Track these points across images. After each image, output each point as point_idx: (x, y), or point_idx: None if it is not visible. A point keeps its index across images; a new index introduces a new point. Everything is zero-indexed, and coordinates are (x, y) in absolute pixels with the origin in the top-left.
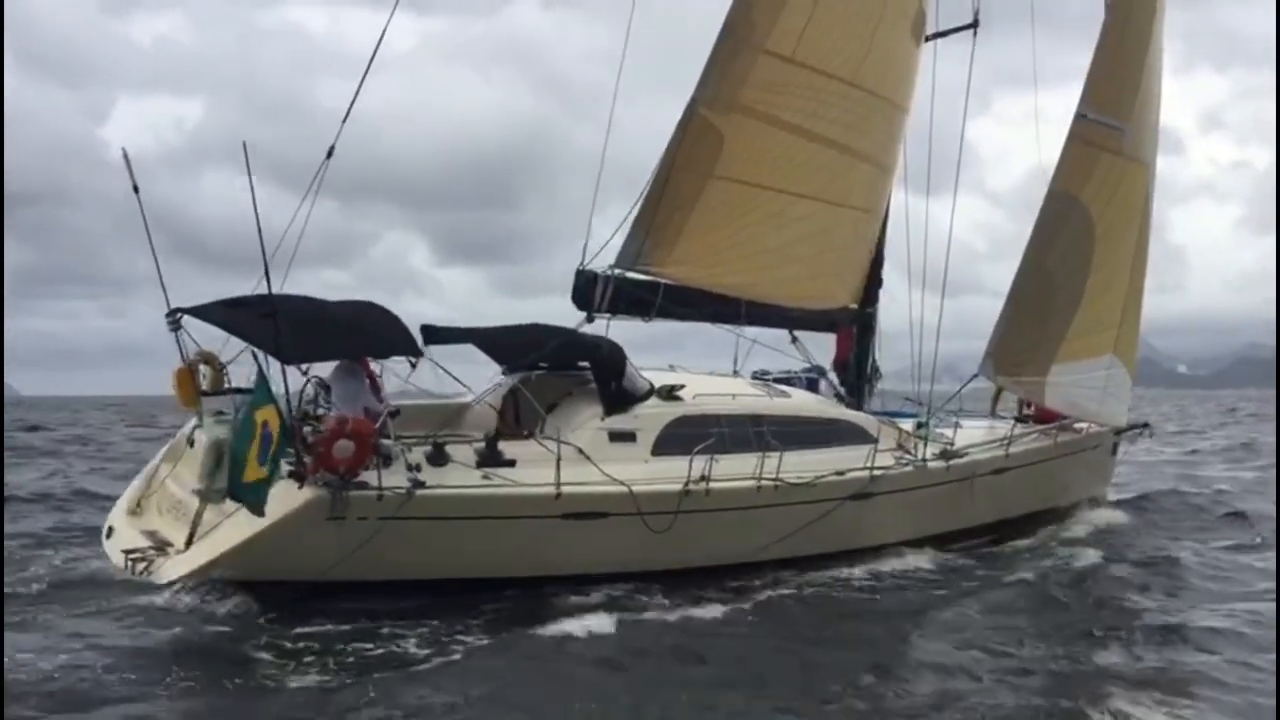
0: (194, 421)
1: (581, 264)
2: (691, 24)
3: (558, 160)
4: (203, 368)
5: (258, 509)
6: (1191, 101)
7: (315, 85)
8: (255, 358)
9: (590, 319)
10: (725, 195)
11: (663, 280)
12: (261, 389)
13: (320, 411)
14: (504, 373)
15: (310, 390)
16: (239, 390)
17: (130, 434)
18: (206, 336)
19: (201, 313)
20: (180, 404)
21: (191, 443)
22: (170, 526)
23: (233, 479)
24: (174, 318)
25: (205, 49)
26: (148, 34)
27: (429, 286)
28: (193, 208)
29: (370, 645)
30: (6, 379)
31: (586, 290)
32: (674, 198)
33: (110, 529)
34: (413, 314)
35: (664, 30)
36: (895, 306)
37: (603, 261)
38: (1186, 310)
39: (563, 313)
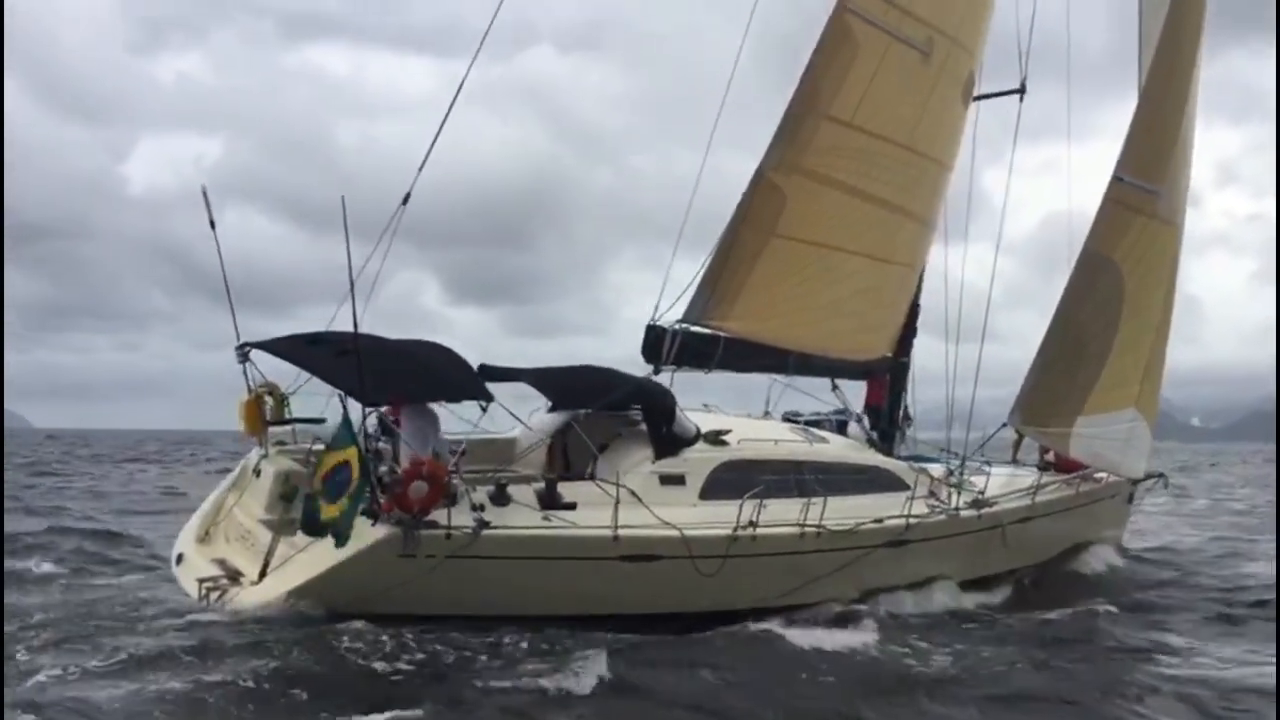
0: (259, 451)
1: (653, 319)
2: (704, 74)
3: (571, 202)
4: (266, 398)
5: (341, 540)
6: (1208, 155)
7: (335, 126)
8: (341, 400)
9: (657, 371)
10: (784, 253)
11: (723, 334)
12: (344, 430)
13: (379, 446)
14: (549, 411)
15: (371, 426)
16: (301, 420)
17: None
18: (268, 367)
19: (272, 347)
20: (245, 434)
21: (258, 472)
22: (239, 555)
23: (308, 516)
24: (243, 351)
25: (226, 88)
26: (171, 72)
27: (440, 326)
28: (207, 245)
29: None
30: (19, 410)
31: (656, 344)
32: (738, 256)
33: (180, 555)
34: None
35: (679, 80)
36: (921, 354)
37: (667, 314)
38: (1202, 362)
39: (575, 353)
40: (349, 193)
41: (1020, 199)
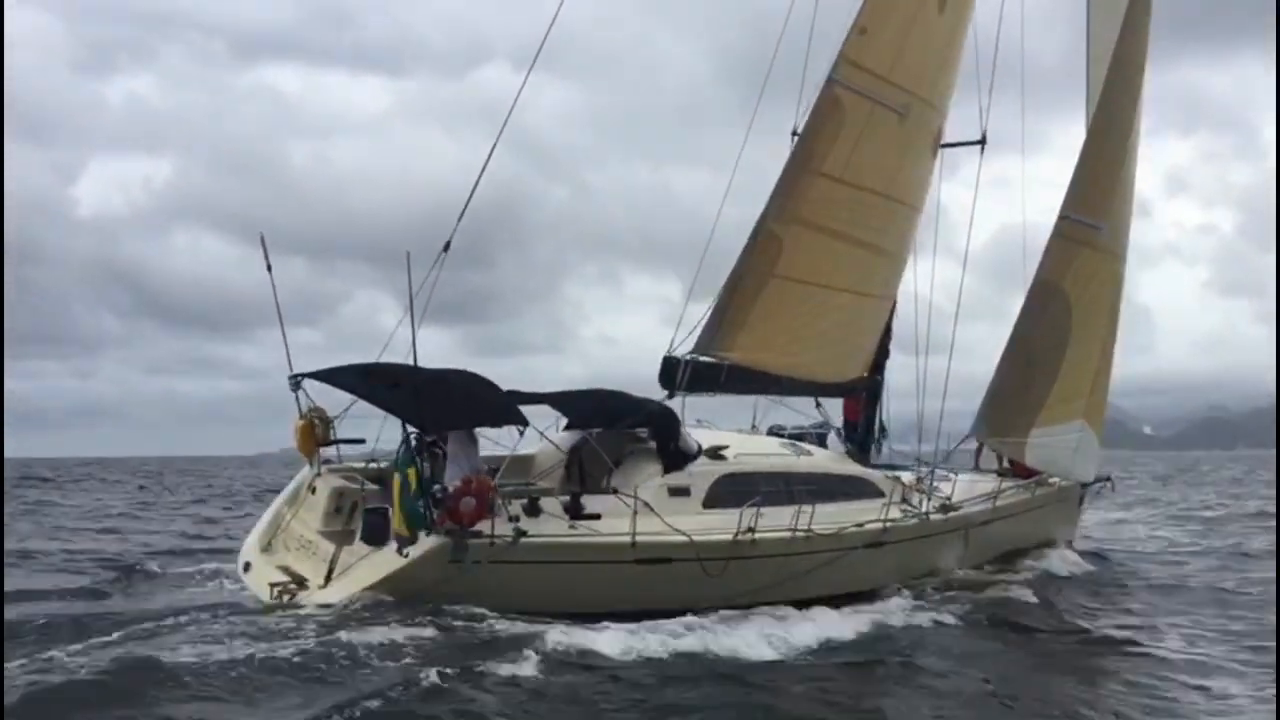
0: (311, 470)
1: (669, 351)
2: (660, 92)
3: (529, 221)
4: (316, 422)
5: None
6: (1157, 166)
7: (287, 145)
8: (404, 428)
9: (670, 396)
10: (781, 291)
11: (727, 362)
12: (405, 453)
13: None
14: (564, 430)
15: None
16: (345, 440)
17: None
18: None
19: (327, 377)
20: (301, 454)
21: (313, 489)
22: (301, 563)
23: (370, 527)
24: (295, 381)
25: (176, 108)
26: (120, 93)
27: (399, 346)
28: (160, 266)
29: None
30: None
31: (670, 372)
32: (742, 294)
33: (247, 564)
34: None
35: (633, 96)
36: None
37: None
38: (1153, 371)
39: (534, 371)
40: (304, 212)
41: (977, 211)
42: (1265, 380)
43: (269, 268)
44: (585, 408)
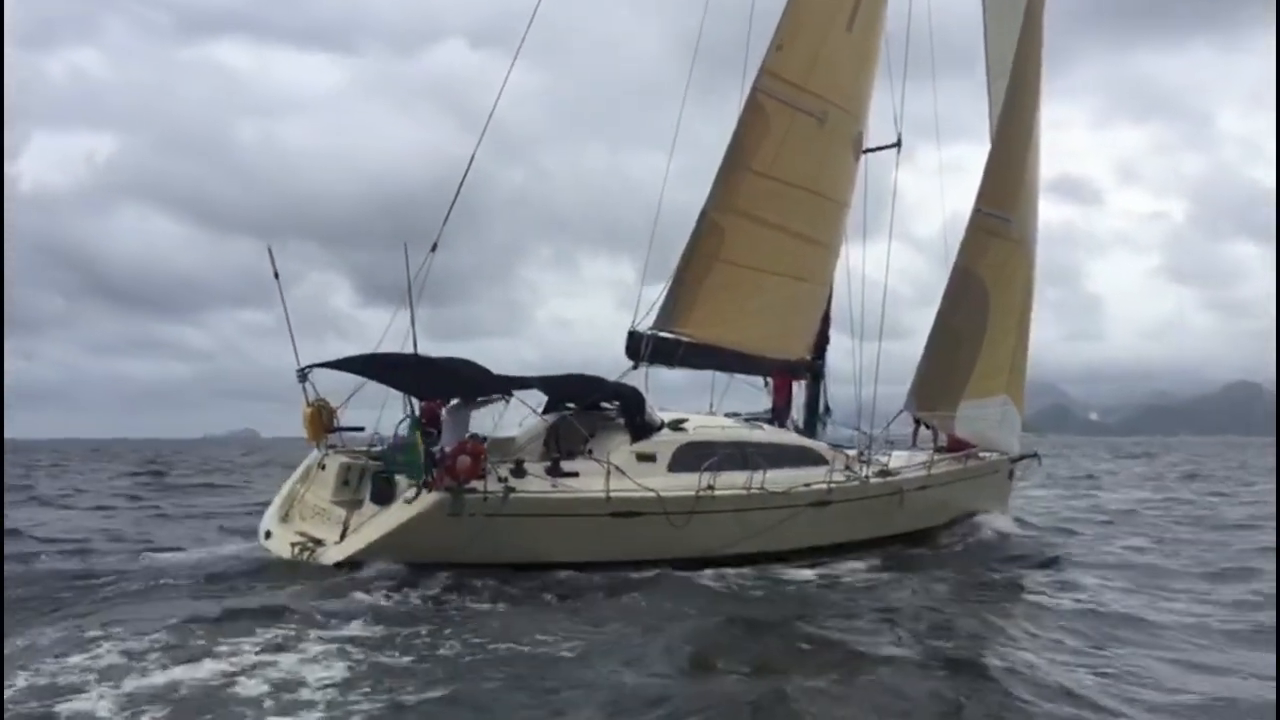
0: (319, 451)
1: (632, 326)
2: (613, 74)
3: (484, 202)
4: (321, 411)
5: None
6: (1109, 154)
7: (235, 122)
8: (407, 400)
9: (636, 367)
10: (724, 274)
11: (683, 338)
12: (413, 422)
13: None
14: (542, 413)
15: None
16: (346, 429)
17: None
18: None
19: (335, 365)
20: (309, 438)
21: (323, 467)
22: (318, 528)
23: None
24: (303, 373)
25: (121, 84)
26: (62, 67)
27: (351, 329)
28: (103, 245)
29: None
30: None
31: (635, 345)
32: (692, 277)
33: (268, 532)
34: (334, 355)
35: (588, 77)
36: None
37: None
38: (1103, 358)
39: (489, 355)
40: (253, 192)
41: (926, 196)
42: (1209, 368)
43: (276, 275)
44: (565, 388)
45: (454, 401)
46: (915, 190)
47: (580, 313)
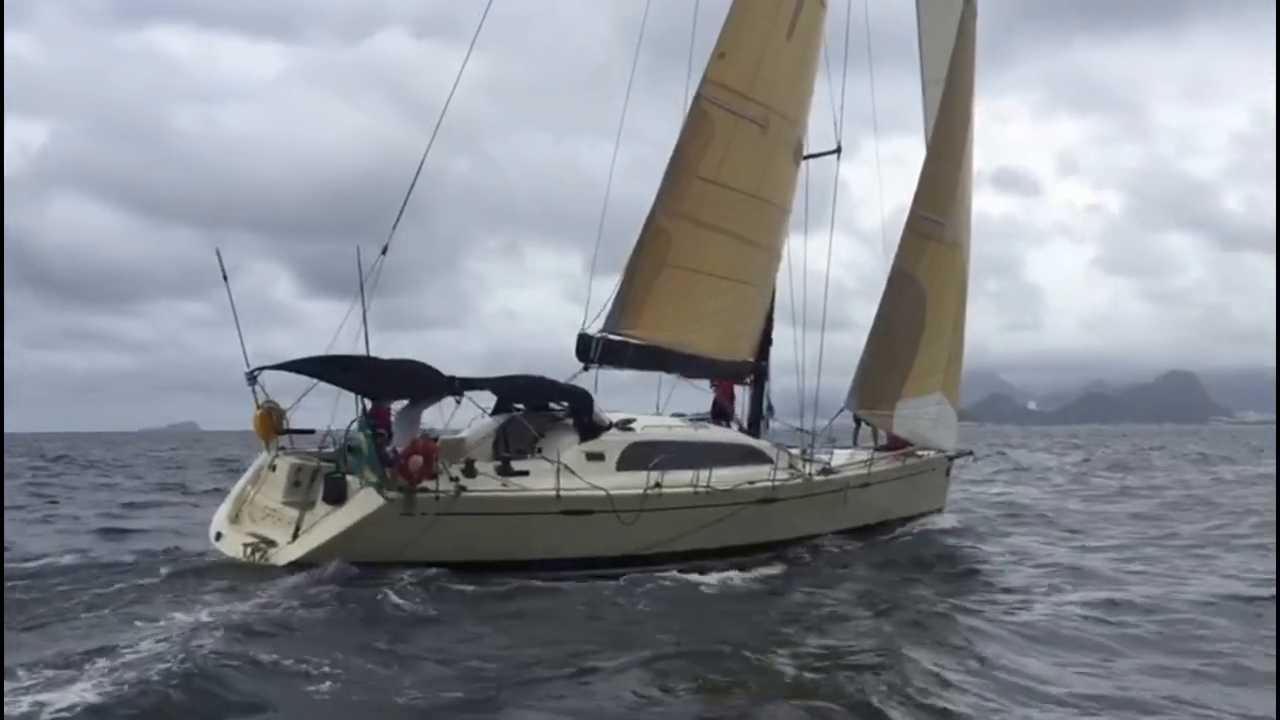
0: (268, 453)
1: (583, 329)
2: (560, 63)
3: (430, 192)
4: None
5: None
6: (1049, 147)
7: (174, 109)
8: (358, 401)
9: (586, 368)
10: (672, 279)
11: (632, 340)
12: (365, 421)
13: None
14: (491, 414)
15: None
16: (298, 431)
17: None
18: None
19: (286, 367)
20: (259, 439)
21: (273, 468)
22: (269, 529)
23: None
24: (252, 375)
25: (55, 70)
26: None
27: (294, 320)
28: (37, 235)
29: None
30: None
31: (585, 347)
32: (640, 281)
33: (219, 534)
34: (276, 348)
35: (534, 65)
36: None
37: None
38: (1042, 347)
39: (435, 346)
40: (192, 181)
41: (872, 190)
42: (1145, 357)
43: (225, 277)
44: (514, 389)
45: (405, 402)
46: (858, 183)
47: (527, 304)
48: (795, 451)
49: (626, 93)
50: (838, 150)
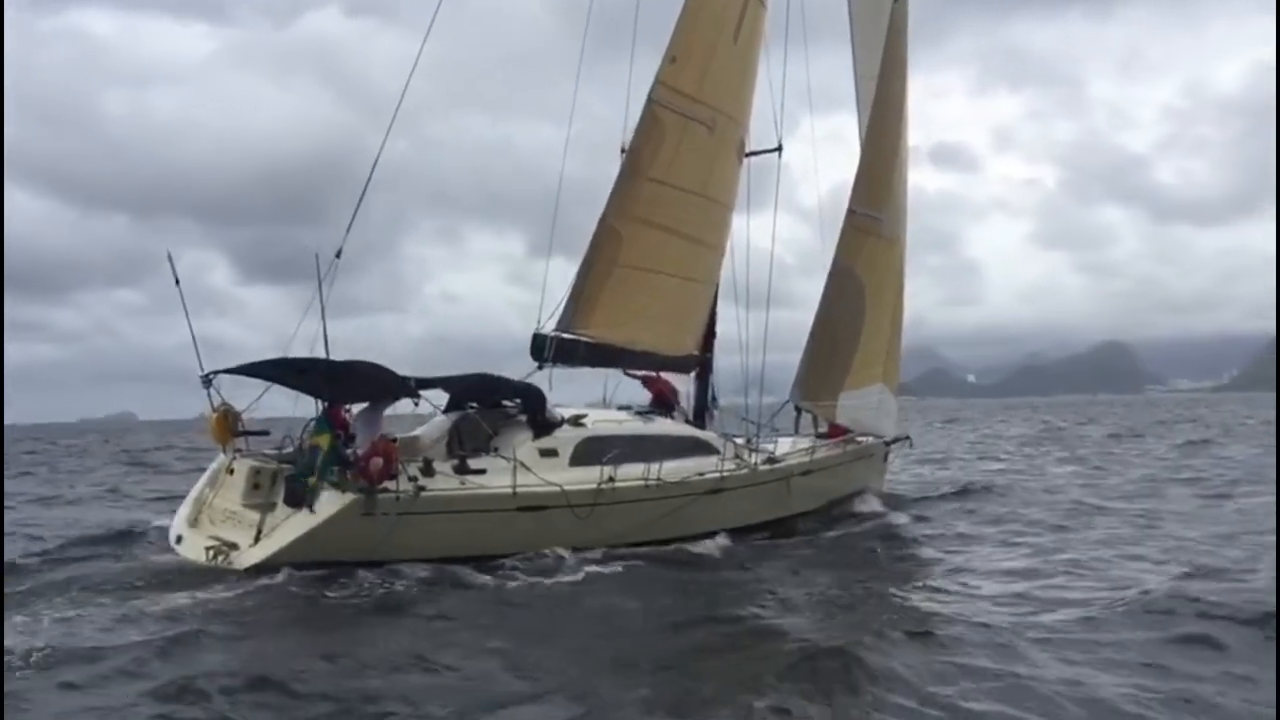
0: (226, 456)
1: (537, 328)
2: (498, 42)
3: (364, 173)
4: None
5: (302, 503)
6: (986, 122)
7: (100, 93)
8: (317, 404)
9: (541, 367)
10: (623, 278)
11: (584, 339)
12: (322, 422)
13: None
14: (444, 412)
15: (312, 426)
16: (253, 433)
17: None
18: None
19: (241, 370)
20: (215, 441)
21: (231, 471)
22: (230, 532)
23: (292, 490)
24: (207, 378)
25: None
26: None
27: (230, 307)
28: None
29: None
30: None
31: (539, 346)
32: (593, 281)
33: (179, 537)
34: (216, 337)
35: (472, 44)
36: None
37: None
38: (980, 321)
39: (377, 330)
40: (122, 166)
41: (811, 168)
42: (1080, 329)
43: (177, 282)
44: (468, 388)
45: (364, 405)
46: (798, 162)
47: (468, 287)
48: (740, 441)
49: (576, 75)
50: (779, 149)
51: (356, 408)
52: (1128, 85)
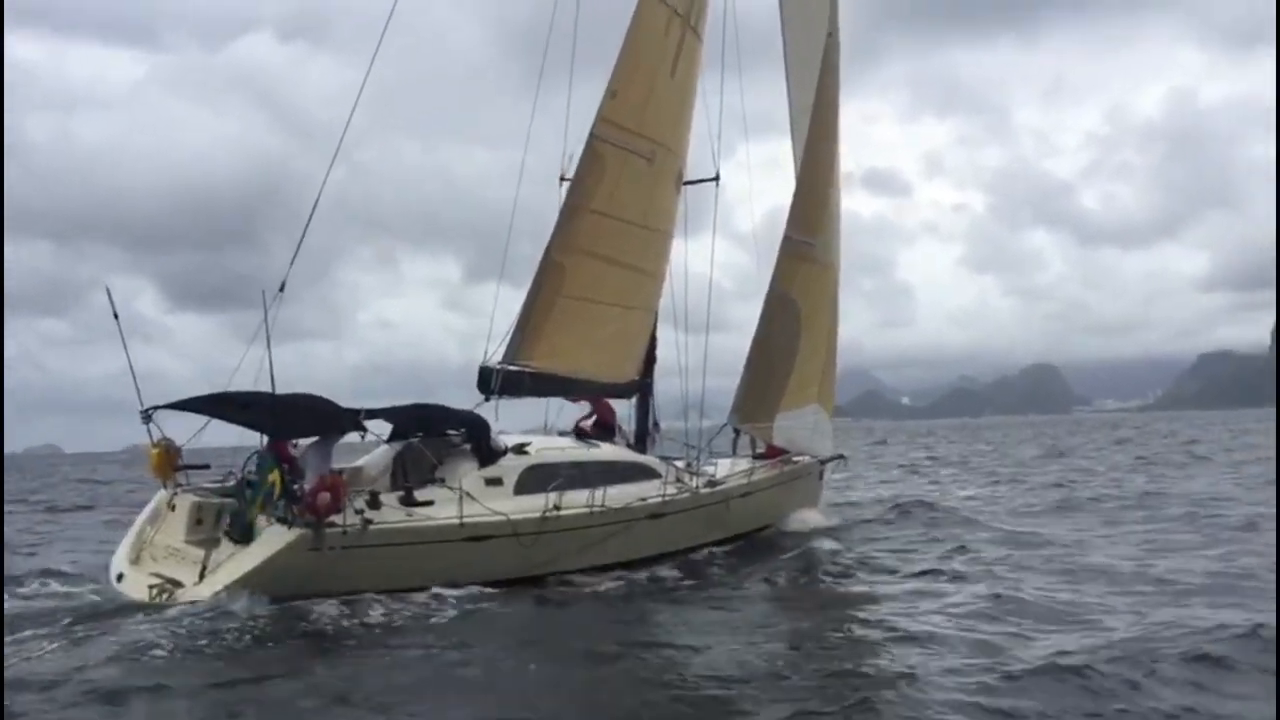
0: (166, 491)
1: (484, 361)
2: (432, 67)
3: (297, 199)
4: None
5: (248, 539)
6: (916, 148)
7: (23, 120)
8: (263, 439)
9: (487, 399)
10: (566, 309)
11: (529, 369)
12: (268, 459)
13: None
14: (387, 441)
15: (254, 462)
16: (191, 466)
17: None
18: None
19: (181, 405)
20: (156, 478)
21: (173, 507)
22: (173, 569)
23: (250, 516)
24: (147, 414)
25: None
26: None
27: (158, 335)
28: None
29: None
30: None
31: (486, 379)
32: (538, 313)
33: (120, 575)
34: (140, 365)
35: (405, 70)
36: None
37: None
38: (912, 344)
39: (310, 357)
40: (46, 191)
41: (750, 192)
42: (1011, 351)
43: (115, 315)
44: (412, 418)
45: (313, 439)
46: (733, 186)
47: (403, 313)
48: (680, 464)
49: (534, 104)
50: (716, 178)
51: (304, 441)
52: (1052, 112)
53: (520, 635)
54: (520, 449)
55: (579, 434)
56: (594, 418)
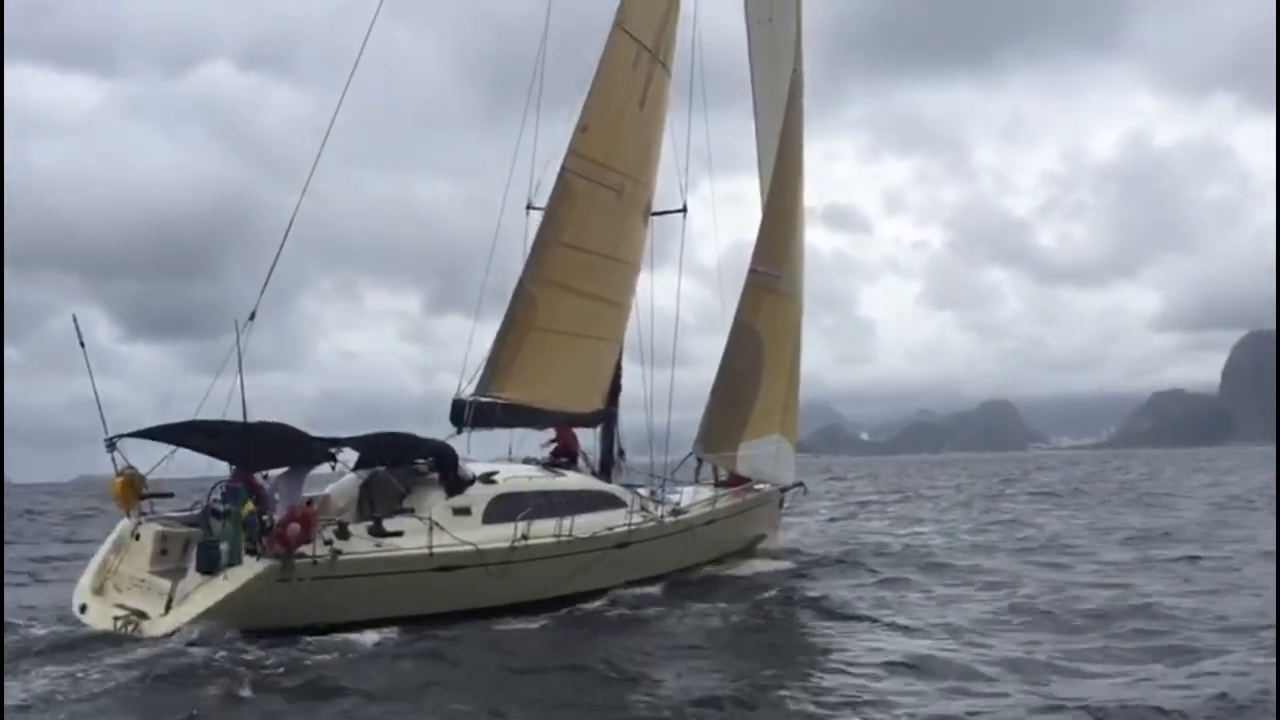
0: (131, 520)
1: (457, 394)
2: (393, 98)
3: (256, 228)
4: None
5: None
6: (877, 185)
7: None
8: (234, 469)
9: (460, 431)
10: (538, 340)
11: (500, 401)
12: (244, 490)
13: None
14: (353, 469)
15: (219, 492)
16: (157, 495)
17: None
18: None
19: (147, 434)
20: (119, 506)
21: (137, 536)
22: (138, 600)
23: (234, 549)
24: (111, 442)
25: None
26: None
27: (113, 364)
28: None
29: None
30: None
31: (459, 412)
32: (510, 345)
33: (84, 606)
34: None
35: (368, 100)
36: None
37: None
38: (873, 379)
39: (269, 388)
40: None
41: (712, 226)
42: (968, 387)
43: (81, 344)
44: (379, 447)
45: (284, 469)
46: (698, 221)
47: (363, 344)
48: (645, 493)
49: (518, 136)
50: (683, 210)
51: (274, 472)
52: (1010, 152)
53: (468, 672)
54: (488, 478)
55: (549, 461)
56: (555, 444)
